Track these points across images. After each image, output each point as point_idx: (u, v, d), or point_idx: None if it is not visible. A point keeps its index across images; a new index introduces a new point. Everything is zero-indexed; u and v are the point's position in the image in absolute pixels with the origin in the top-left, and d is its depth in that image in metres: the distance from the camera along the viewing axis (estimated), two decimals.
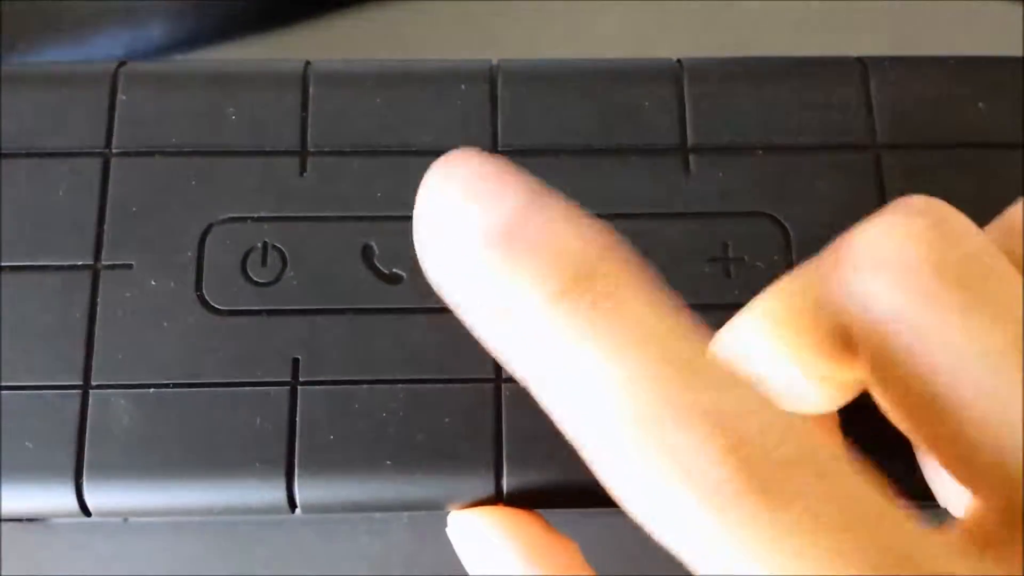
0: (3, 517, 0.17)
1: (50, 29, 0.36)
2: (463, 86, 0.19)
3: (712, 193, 0.18)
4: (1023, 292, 0.12)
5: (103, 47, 0.33)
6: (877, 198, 0.18)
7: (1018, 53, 0.20)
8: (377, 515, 0.29)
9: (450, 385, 0.17)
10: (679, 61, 0.19)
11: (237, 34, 0.37)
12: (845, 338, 0.13)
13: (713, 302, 0.17)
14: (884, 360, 0.12)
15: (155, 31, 0.37)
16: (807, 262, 0.14)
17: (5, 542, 0.31)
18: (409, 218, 0.18)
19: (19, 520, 0.29)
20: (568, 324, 0.11)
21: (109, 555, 0.31)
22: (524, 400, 0.17)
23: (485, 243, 0.12)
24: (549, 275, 0.12)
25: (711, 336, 0.13)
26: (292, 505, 0.16)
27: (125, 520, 0.31)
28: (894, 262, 0.12)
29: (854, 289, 0.13)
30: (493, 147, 0.18)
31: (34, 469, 0.16)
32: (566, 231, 0.12)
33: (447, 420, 0.17)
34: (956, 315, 0.12)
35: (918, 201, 0.13)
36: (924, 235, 0.12)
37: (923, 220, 0.13)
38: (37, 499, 0.17)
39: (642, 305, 0.12)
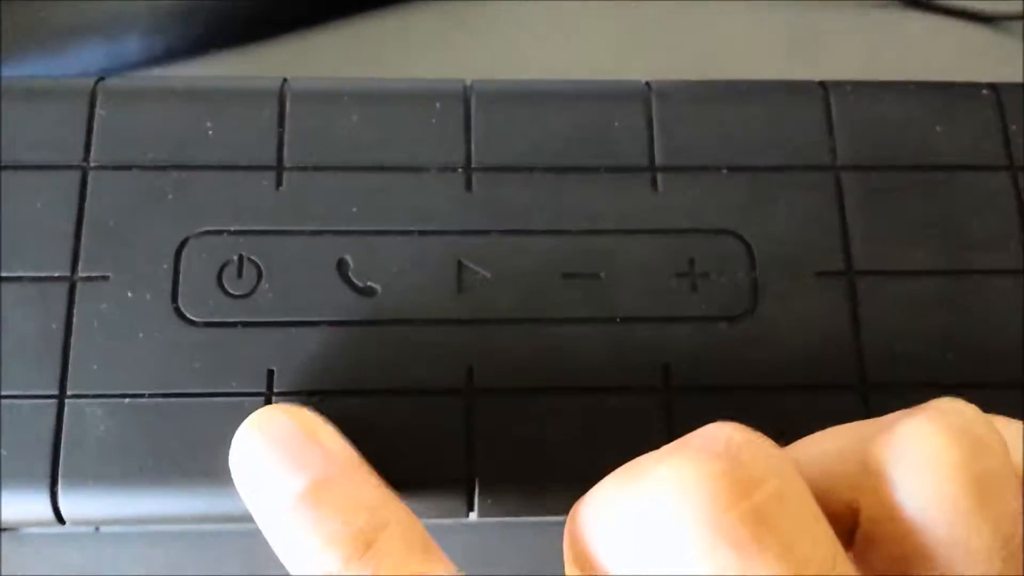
0: None
1: (27, 43, 0.36)
2: (438, 104, 0.19)
3: (679, 211, 0.18)
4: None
5: (81, 61, 0.33)
6: (838, 217, 0.18)
7: (987, 73, 0.21)
8: None
9: (422, 396, 0.17)
10: (648, 83, 0.20)
11: (214, 49, 0.38)
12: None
13: (680, 315, 0.18)
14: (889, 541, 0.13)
15: (132, 46, 0.37)
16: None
17: None
18: (383, 232, 0.18)
19: None
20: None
21: (81, 565, 0.31)
22: (495, 410, 0.17)
23: (285, 505, 0.15)
24: (335, 544, 0.14)
25: None
26: None
27: (97, 530, 0.31)
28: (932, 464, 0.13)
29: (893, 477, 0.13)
30: (467, 164, 0.19)
31: (9, 477, 0.17)
32: (355, 499, 0.15)
33: (419, 431, 0.17)
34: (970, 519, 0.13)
35: (955, 406, 0.14)
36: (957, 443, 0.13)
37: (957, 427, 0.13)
38: (11, 507, 0.17)
39: (392, 557, 0.14)
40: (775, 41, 0.34)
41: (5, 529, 0.30)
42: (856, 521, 0.14)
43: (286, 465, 0.15)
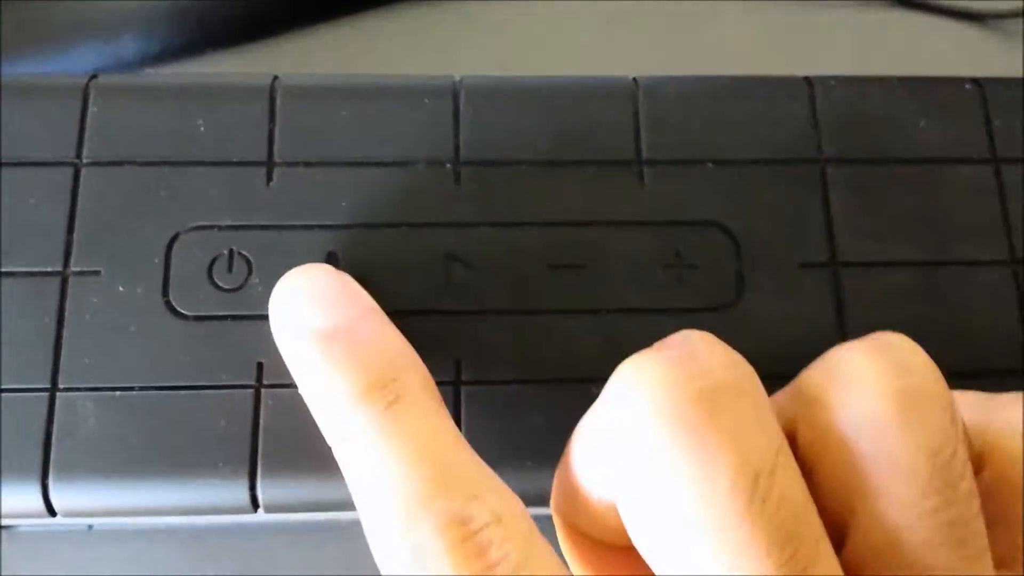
0: None
1: (24, 43, 0.36)
2: (427, 100, 0.19)
3: (665, 203, 0.19)
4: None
5: (74, 61, 0.33)
6: (822, 209, 0.19)
7: (978, 70, 0.21)
8: (344, 522, 0.30)
9: None
10: (635, 79, 0.20)
11: (210, 49, 0.38)
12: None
13: (667, 306, 0.18)
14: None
15: (128, 46, 0.37)
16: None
17: None
18: (372, 226, 0.18)
19: None
20: (364, 421, 0.15)
21: (74, 563, 0.31)
22: (482, 401, 0.17)
23: (320, 340, 0.16)
24: (359, 378, 0.15)
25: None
26: (255, 504, 0.17)
27: (90, 528, 0.31)
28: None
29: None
30: (456, 160, 0.19)
31: (1, 470, 0.17)
32: (382, 342, 0.16)
33: None
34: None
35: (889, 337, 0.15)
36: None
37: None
38: (3, 500, 0.17)
39: (423, 410, 0.15)
40: (766, 41, 0.34)
41: (1, 527, 0.30)
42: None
43: (322, 304, 0.16)
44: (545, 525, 0.18)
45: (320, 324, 0.16)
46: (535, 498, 0.17)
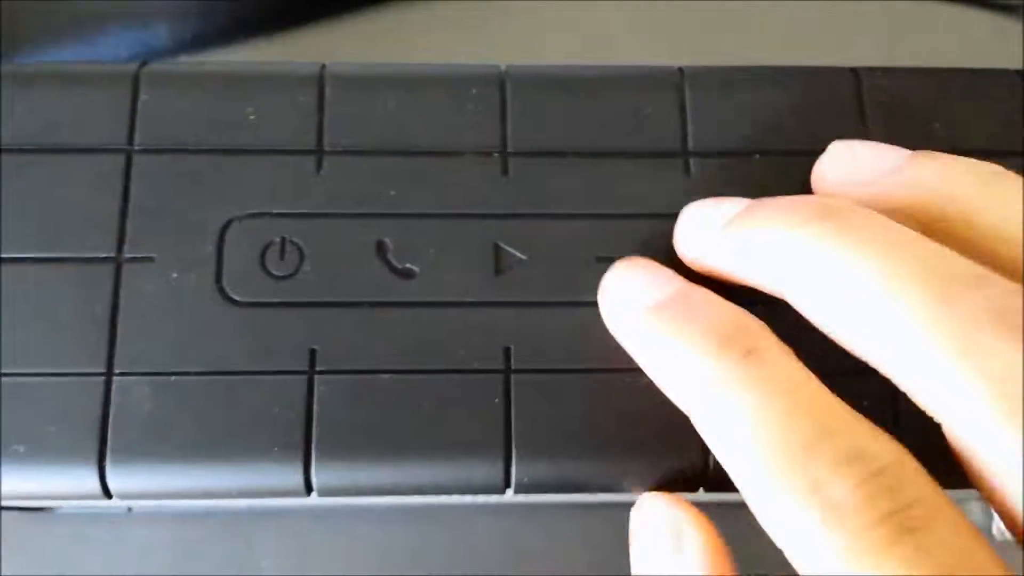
0: (26, 499, 0.18)
1: (58, 32, 0.36)
2: (474, 90, 0.19)
3: (711, 194, 0.19)
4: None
5: (108, 49, 0.33)
6: None
7: (1014, 63, 0.21)
8: (381, 507, 0.30)
9: (462, 375, 0.17)
10: (680, 69, 0.20)
11: (242, 37, 0.38)
12: None
13: None
14: None
15: (161, 33, 0.37)
16: None
17: (8, 532, 0.32)
18: (422, 215, 0.19)
19: (26, 509, 0.30)
20: (720, 371, 0.15)
21: (112, 544, 0.31)
22: (532, 391, 0.17)
23: (656, 311, 0.16)
24: (708, 334, 0.15)
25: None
26: (308, 488, 0.17)
27: (129, 510, 0.31)
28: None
29: None
30: (503, 148, 0.19)
31: (57, 453, 0.17)
32: (718, 305, 0.16)
33: (458, 409, 0.17)
34: None
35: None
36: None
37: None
38: (60, 482, 0.17)
39: (786, 360, 0.15)
40: (800, 35, 0.34)
41: (38, 508, 0.31)
42: None
43: (649, 284, 0.17)
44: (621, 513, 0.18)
45: (653, 299, 0.16)
46: (583, 484, 0.17)
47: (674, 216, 0.19)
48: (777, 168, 0.19)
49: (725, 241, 0.17)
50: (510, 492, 0.17)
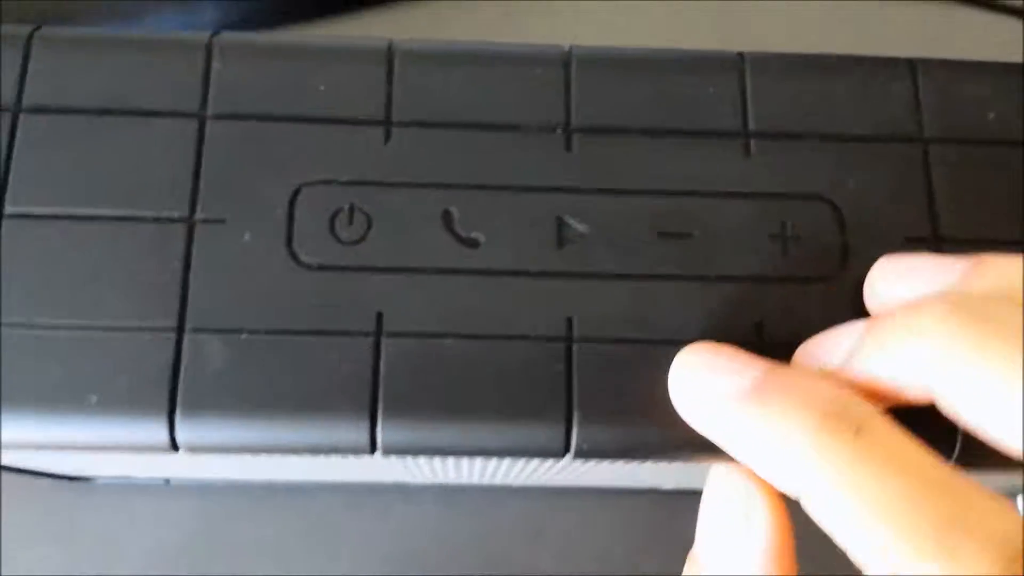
0: (98, 448, 0.18)
1: (104, 10, 0.37)
2: (538, 69, 0.20)
3: (771, 176, 0.19)
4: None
5: (155, 28, 0.34)
6: (925, 187, 0.19)
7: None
8: (408, 486, 0.30)
9: (524, 341, 0.18)
10: (740, 54, 0.20)
11: (287, 21, 0.39)
12: None
13: (772, 275, 0.18)
14: None
15: (207, 15, 0.38)
16: None
17: (47, 501, 0.32)
18: (487, 187, 0.19)
19: (65, 477, 0.30)
20: (833, 452, 0.14)
21: (147, 514, 0.32)
22: (594, 358, 0.18)
23: (732, 403, 0.15)
24: (811, 414, 0.14)
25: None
26: (373, 446, 0.17)
27: (167, 482, 0.32)
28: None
29: None
30: (566, 125, 0.19)
31: (128, 404, 0.17)
32: (808, 381, 0.15)
33: (521, 373, 0.18)
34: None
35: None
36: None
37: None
38: (129, 432, 0.18)
39: (894, 434, 0.14)
40: (831, 38, 0.35)
41: (78, 478, 0.31)
42: None
43: (725, 370, 0.16)
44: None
45: (738, 387, 0.15)
46: (641, 451, 0.18)
47: (732, 195, 0.19)
48: (836, 151, 0.19)
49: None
50: (568, 457, 0.18)
